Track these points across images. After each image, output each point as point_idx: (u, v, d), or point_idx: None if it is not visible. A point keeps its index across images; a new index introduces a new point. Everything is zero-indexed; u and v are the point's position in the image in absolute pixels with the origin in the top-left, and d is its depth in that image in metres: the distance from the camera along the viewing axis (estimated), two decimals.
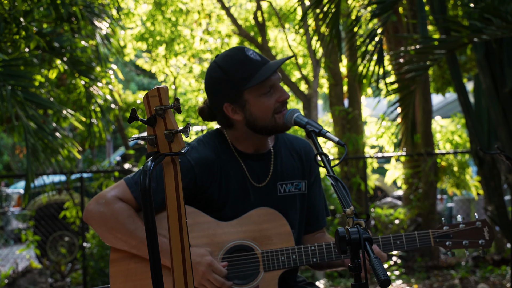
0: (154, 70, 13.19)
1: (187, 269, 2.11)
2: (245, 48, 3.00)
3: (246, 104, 2.98)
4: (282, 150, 3.18)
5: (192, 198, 3.02)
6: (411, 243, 3.01)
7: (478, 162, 8.01)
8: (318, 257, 2.98)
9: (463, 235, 3.03)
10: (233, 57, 2.98)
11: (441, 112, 17.00)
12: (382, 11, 7.10)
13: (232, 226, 3.00)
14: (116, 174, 9.35)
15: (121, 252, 2.96)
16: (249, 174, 3.08)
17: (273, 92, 2.98)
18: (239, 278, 2.97)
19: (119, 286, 2.93)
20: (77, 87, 7.54)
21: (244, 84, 2.94)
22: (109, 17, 7.27)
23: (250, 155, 3.10)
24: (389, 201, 11.78)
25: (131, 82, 27.34)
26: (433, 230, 3.05)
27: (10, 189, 13.75)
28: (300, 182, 3.17)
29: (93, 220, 2.96)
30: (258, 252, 2.98)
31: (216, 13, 12.69)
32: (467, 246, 3.02)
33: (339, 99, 10.10)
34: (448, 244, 3.02)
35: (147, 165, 2.02)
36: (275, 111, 2.97)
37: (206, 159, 3.02)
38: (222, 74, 2.97)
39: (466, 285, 7.91)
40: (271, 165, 3.12)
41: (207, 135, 3.14)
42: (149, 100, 2.10)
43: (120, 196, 2.96)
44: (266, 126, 3.00)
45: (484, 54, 7.57)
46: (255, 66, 2.95)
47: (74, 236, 10.37)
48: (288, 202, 3.12)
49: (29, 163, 5.97)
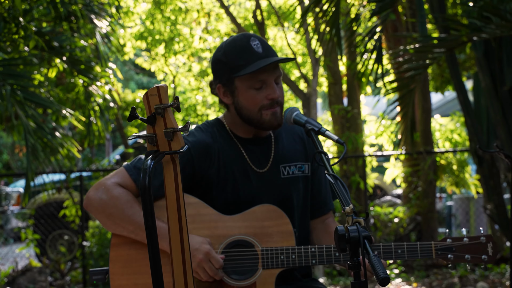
0: (153, 69, 13.18)
1: (187, 267, 2.11)
2: (252, 37, 3.00)
3: (235, 91, 3.00)
4: (283, 134, 3.18)
5: (192, 183, 3.02)
6: (412, 253, 2.98)
7: (478, 160, 8.01)
8: (317, 260, 2.97)
9: (466, 249, 2.99)
10: (236, 42, 3.00)
11: (440, 110, 17.00)
12: (381, 10, 7.10)
13: (235, 220, 2.99)
14: None
15: (122, 238, 2.97)
16: (249, 159, 3.07)
17: (264, 88, 2.98)
18: (237, 273, 2.97)
19: (118, 271, 2.94)
20: (76, 86, 7.53)
21: (236, 71, 2.96)
22: (108, 15, 7.27)
23: (249, 140, 3.10)
24: (388, 199, 11.78)
25: (130, 81, 27.33)
26: (435, 242, 3.01)
27: (9, 188, 13.74)
28: (303, 165, 3.16)
29: (93, 207, 2.96)
30: (258, 249, 2.98)
31: (215, 12, 12.69)
32: (469, 261, 2.98)
33: (338, 98, 10.10)
34: (449, 257, 2.98)
35: (146, 163, 2.03)
36: (262, 107, 2.98)
37: (203, 142, 3.03)
38: (221, 56, 3.01)
39: (465, 283, 7.91)
40: (272, 149, 3.12)
41: (206, 123, 3.16)
42: (149, 99, 2.10)
43: (120, 182, 2.96)
44: (251, 119, 3.01)
45: (484, 52, 7.57)
46: (253, 57, 2.95)
47: (74, 235, 10.38)
48: (292, 184, 3.12)
49: (28, 162, 5.98)
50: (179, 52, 12.80)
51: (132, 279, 2.93)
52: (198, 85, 13.18)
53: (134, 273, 2.94)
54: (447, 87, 11.20)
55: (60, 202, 10.01)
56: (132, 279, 2.93)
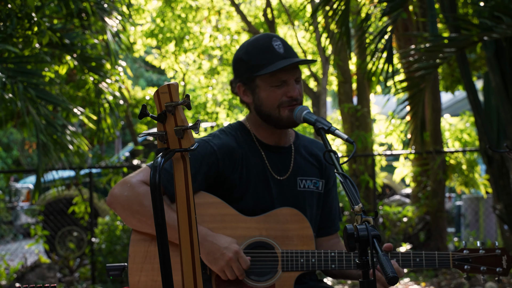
0: (163, 66, 13.20)
1: (196, 264, 2.12)
2: (274, 37, 3.05)
3: (256, 89, 3.04)
4: (302, 150, 3.22)
5: (214, 185, 3.04)
6: (430, 262, 3.02)
7: (487, 160, 7.99)
8: (337, 264, 2.99)
9: (482, 261, 3.05)
10: (259, 42, 3.05)
11: (450, 110, 16.97)
12: (392, 9, 7.09)
13: (256, 222, 3.01)
14: (124, 170, 9.37)
15: (142, 234, 2.98)
16: (270, 165, 3.10)
17: (283, 87, 3.01)
18: (256, 275, 2.98)
19: (137, 266, 2.95)
20: (87, 83, 7.56)
21: (257, 71, 3.00)
22: (119, 13, 7.29)
23: (271, 146, 3.13)
24: (397, 199, 11.76)
25: (140, 79, 27.36)
26: (453, 252, 3.06)
27: (19, 184, 13.80)
28: (318, 181, 3.20)
29: (118, 204, 2.97)
30: (278, 251, 2.99)
31: (226, 10, 12.70)
32: (484, 272, 3.04)
33: (348, 97, 10.09)
34: (466, 268, 3.04)
35: (157, 161, 2.03)
36: (281, 104, 3.01)
37: (228, 145, 3.06)
38: (243, 55, 3.06)
39: (474, 283, 7.90)
40: (292, 159, 3.16)
41: (229, 126, 3.19)
42: (160, 97, 2.11)
43: (145, 180, 2.98)
44: (270, 115, 3.04)
45: (494, 52, 7.55)
46: (274, 57, 2.99)
47: (83, 231, 10.41)
48: (307, 197, 3.15)
49: (39, 159, 6.00)
50: (189, 50, 12.81)
51: (151, 275, 2.94)
52: (208, 83, 13.18)
53: (153, 270, 2.95)
54: (457, 87, 11.17)
55: (69, 199, 10.04)
56: (150, 275, 2.94)
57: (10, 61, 5.99)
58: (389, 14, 7.21)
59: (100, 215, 10.39)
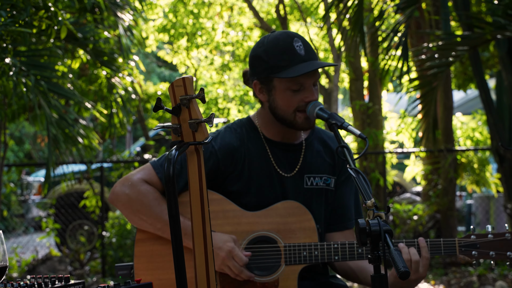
0: (175, 61, 13.21)
1: (209, 257, 2.13)
2: (296, 37, 2.96)
3: (273, 90, 2.99)
4: (315, 144, 3.17)
5: (215, 183, 3.04)
6: (435, 250, 2.94)
7: (499, 159, 7.97)
8: (340, 256, 2.97)
9: (491, 246, 2.92)
10: (279, 42, 2.95)
11: (462, 108, 16.89)
12: (406, 6, 7.08)
13: (258, 216, 3.01)
14: (136, 165, 9.41)
15: (147, 233, 2.99)
16: (276, 162, 3.08)
17: (302, 90, 2.95)
18: (260, 269, 2.98)
19: (142, 266, 2.97)
20: (99, 78, 7.58)
21: (276, 72, 2.93)
22: (131, 8, 7.30)
23: (278, 143, 3.10)
24: (407, 197, 11.74)
25: (152, 74, 27.41)
26: (459, 238, 2.96)
27: (31, 177, 13.85)
28: (329, 178, 3.16)
29: (119, 202, 2.99)
30: (281, 245, 2.99)
31: (238, 6, 12.69)
32: (493, 257, 2.91)
33: (359, 94, 10.08)
34: (474, 254, 2.92)
35: (171, 153, 2.05)
36: (297, 108, 2.97)
37: (230, 145, 3.05)
38: (262, 53, 2.97)
39: (484, 282, 7.88)
40: (301, 157, 3.12)
41: (237, 122, 3.16)
42: (174, 90, 2.12)
43: (146, 179, 2.99)
44: (285, 119, 3.00)
45: (507, 51, 7.52)
46: (295, 59, 2.92)
47: (94, 225, 10.45)
48: (314, 195, 3.12)
49: (50, 152, 6.02)
50: (202, 45, 12.81)
51: (156, 274, 2.96)
52: (219, 79, 13.18)
53: (158, 268, 2.96)
54: (469, 85, 11.13)
55: (80, 193, 10.09)
56: (156, 274, 2.96)
57: (23, 55, 6.02)
58: (403, 11, 7.20)
59: (110, 209, 10.42)
